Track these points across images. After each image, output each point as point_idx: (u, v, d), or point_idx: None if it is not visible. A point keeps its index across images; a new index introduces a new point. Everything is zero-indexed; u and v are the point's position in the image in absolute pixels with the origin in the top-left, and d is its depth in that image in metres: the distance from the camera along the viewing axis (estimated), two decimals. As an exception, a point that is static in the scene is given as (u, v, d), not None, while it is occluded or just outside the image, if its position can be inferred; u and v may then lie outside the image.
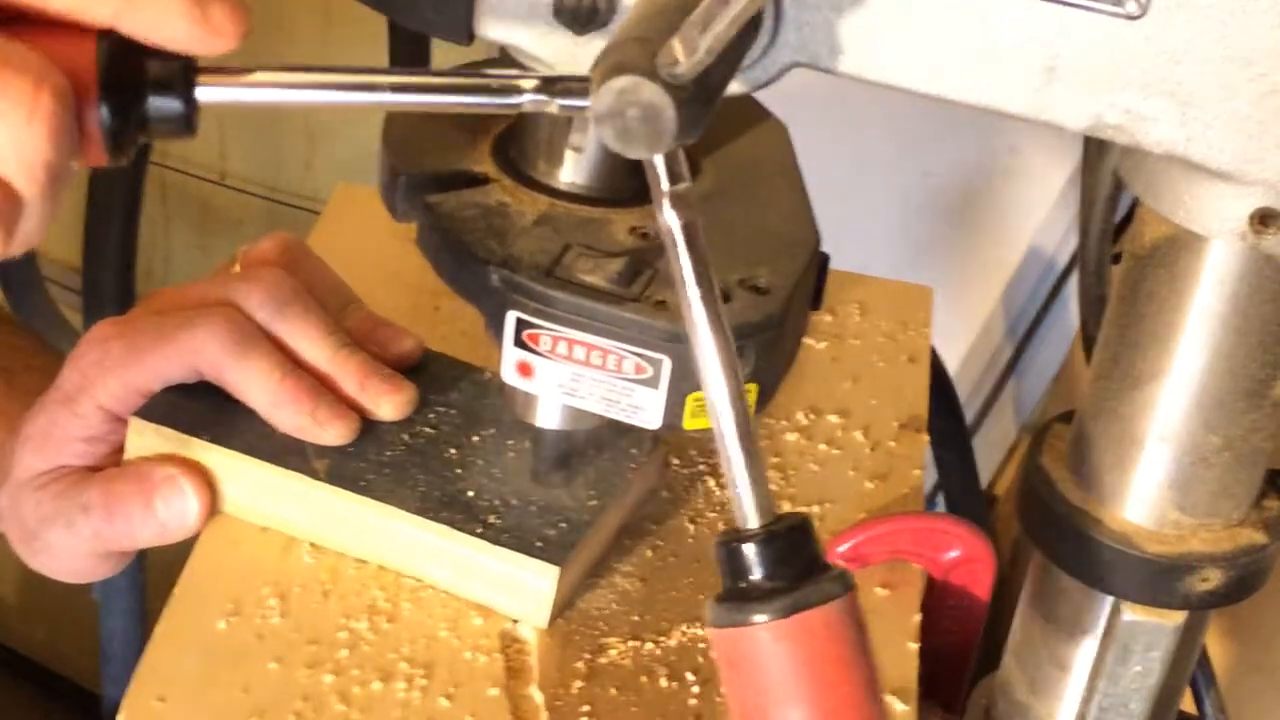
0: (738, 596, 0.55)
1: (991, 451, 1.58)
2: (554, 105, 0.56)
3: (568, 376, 0.66)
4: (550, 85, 0.56)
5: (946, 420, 1.10)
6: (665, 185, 0.55)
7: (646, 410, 0.66)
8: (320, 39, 1.70)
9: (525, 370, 0.66)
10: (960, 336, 1.52)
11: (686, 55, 0.52)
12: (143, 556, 1.25)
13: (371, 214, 0.98)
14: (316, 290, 0.80)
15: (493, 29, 0.62)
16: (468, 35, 0.63)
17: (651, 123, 0.53)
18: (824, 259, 0.70)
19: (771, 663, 0.54)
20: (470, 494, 0.75)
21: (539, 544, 0.73)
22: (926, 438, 0.90)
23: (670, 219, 0.54)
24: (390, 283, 0.90)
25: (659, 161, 0.55)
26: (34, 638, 1.97)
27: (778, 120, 0.76)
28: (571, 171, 0.69)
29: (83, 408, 0.76)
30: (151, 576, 1.21)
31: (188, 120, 0.55)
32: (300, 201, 1.75)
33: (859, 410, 0.90)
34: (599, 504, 0.76)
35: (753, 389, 0.66)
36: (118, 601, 1.33)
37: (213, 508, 0.76)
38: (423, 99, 0.57)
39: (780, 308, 0.65)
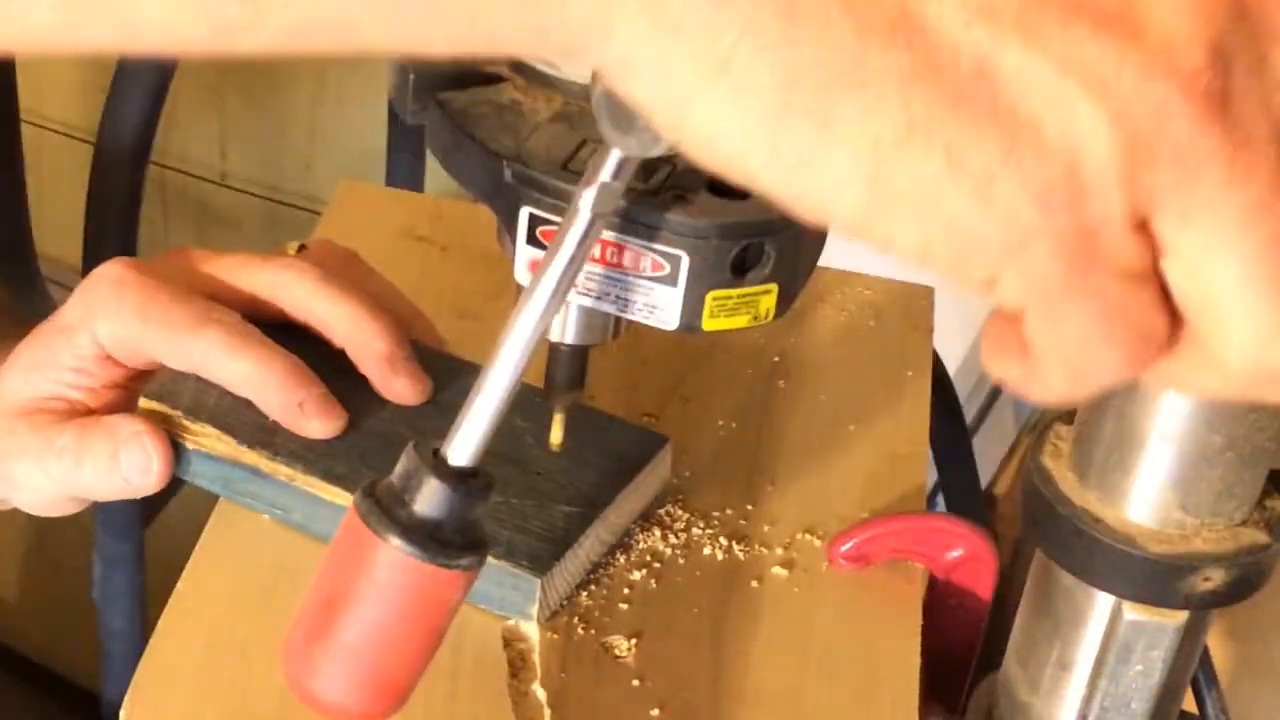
0: (386, 503, 0.59)
1: (991, 451, 1.58)
2: None
3: (582, 275, 0.64)
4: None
5: (946, 420, 1.10)
6: (605, 176, 0.56)
7: (664, 309, 0.64)
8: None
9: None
10: (960, 336, 1.52)
11: None
12: (143, 557, 1.25)
13: (374, 213, 0.99)
14: (374, 297, 0.80)
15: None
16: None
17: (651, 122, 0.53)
18: None
19: (372, 575, 0.59)
20: None
21: (526, 551, 0.73)
22: (927, 438, 0.90)
23: (585, 204, 0.56)
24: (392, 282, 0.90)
25: (614, 156, 0.55)
26: (34, 638, 1.97)
27: None
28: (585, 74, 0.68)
29: (79, 338, 0.76)
30: (151, 576, 1.21)
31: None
32: (300, 202, 1.75)
33: (859, 410, 0.90)
34: (596, 508, 0.76)
35: (772, 290, 0.64)
36: (118, 601, 1.32)
37: (173, 468, 0.76)
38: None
39: None
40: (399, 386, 0.78)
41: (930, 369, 0.94)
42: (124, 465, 0.75)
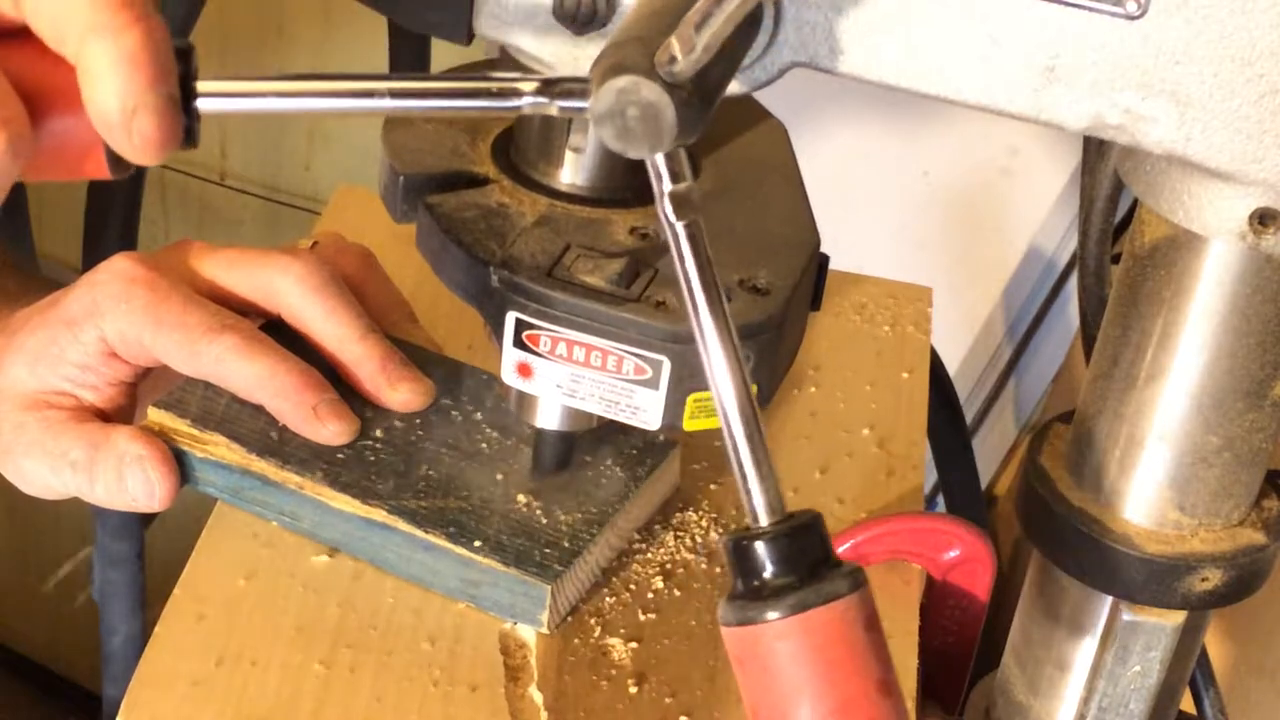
0: (748, 595, 0.55)
1: (991, 451, 1.58)
2: (553, 107, 0.56)
3: (567, 377, 0.66)
4: (549, 87, 0.56)
5: (946, 420, 1.10)
6: (667, 185, 0.54)
7: (646, 411, 0.66)
8: (320, 39, 1.70)
9: (525, 371, 0.66)
10: (960, 336, 1.52)
11: (684, 54, 0.52)
12: (143, 556, 1.25)
13: (371, 214, 0.99)
14: (377, 301, 0.80)
15: (493, 29, 0.62)
16: (468, 35, 0.63)
17: (651, 122, 0.53)
18: (824, 260, 0.70)
19: (779, 661, 0.54)
20: (472, 502, 0.75)
21: (536, 559, 0.73)
22: (926, 438, 0.90)
23: (672, 218, 0.54)
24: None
25: (660, 160, 0.55)
26: (34, 638, 1.97)
27: (777, 120, 0.76)
28: (571, 172, 0.69)
29: (86, 334, 0.76)
30: (151, 576, 1.21)
31: (189, 132, 0.55)
32: (300, 202, 1.75)
33: (859, 410, 0.90)
34: (603, 515, 0.76)
35: (753, 389, 0.65)
36: (118, 601, 1.33)
37: (178, 487, 0.76)
38: (422, 104, 0.57)
39: (780, 308, 0.65)
40: (399, 396, 0.78)
41: (928, 369, 0.94)
42: (129, 488, 0.75)
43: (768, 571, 0.54)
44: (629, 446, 0.79)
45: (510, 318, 0.65)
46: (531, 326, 0.65)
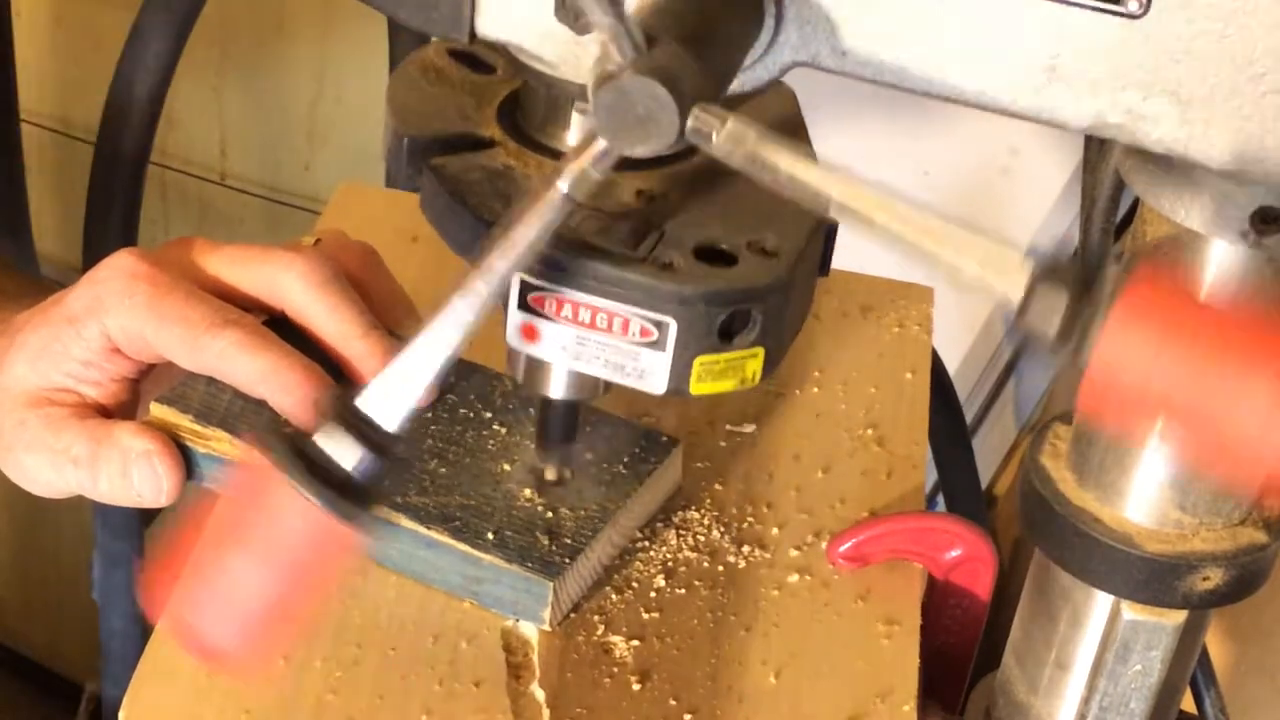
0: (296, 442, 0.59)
1: (991, 451, 1.58)
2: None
3: (573, 340, 0.64)
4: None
5: (946, 420, 1.10)
6: (588, 163, 0.57)
7: (652, 374, 0.64)
8: (320, 39, 1.70)
9: (530, 334, 0.65)
10: (960, 336, 1.52)
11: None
12: (143, 557, 1.25)
13: (372, 214, 0.99)
14: (380, 298, 0.80)
15: (494, 28, 0.62)
16: (469, 35, 0.63)
17: (652, 122, 0.53)
18: (832, 226, 0.68)
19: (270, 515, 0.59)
20: (475, 499, 0.75)
21: (539, 556, 0.73)
22: (927, 438, 0.90)
23: (564, 183, 0.57)
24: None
25: (599, 146, 0.56)
26: (34, 638, 1.97)
27: (787, 86, 0.75)
28: (577, 134, 0.68)
29: (88, 330, 0.76)
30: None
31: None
32: (300, 202, 1.75)
33: (859, 410, 0.90)
34: (605, 513, 0.76)
35: (759, 353, 0.64)
36: (118, 602, 1.33)
37: (185, 480, 0.76)
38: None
39: (788, 270, 0.63)
40: None
41: (930, 369, 0.94)
42: (135, 483, 0.75)
43: (331, 440, 0.59)
44: (632, 445, 0.79)
45: (516, 279, 0.64)
46: (537, 288, 0.64)
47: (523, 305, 0.65)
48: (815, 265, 0.68)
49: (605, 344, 0.65)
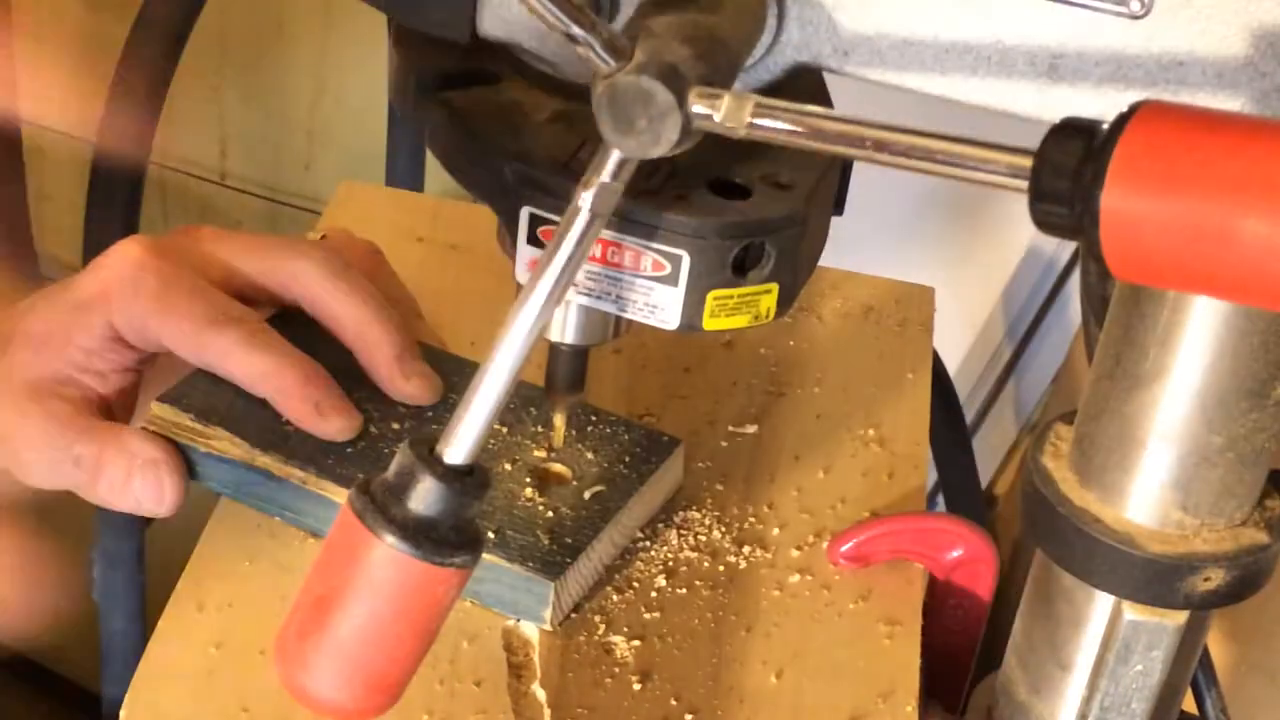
0: (382, 501, 0.58)
1: (991, 451, 1.58)
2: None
3: (583, 275, 0.63)
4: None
5: (946, 420, 1.11)
6: (605, 176, 0.56)
7: (665, 309, 0.63)
8: (320, 39, 1.70)
9: None
10: (960, 336, 1.52)
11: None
12: (143, 557, 1.25)
13: (374, 213, 0.99)
14: (385, 296, 0.80)
15: (494, 28, 0.62)
16: (469, 34, 0.63)
17: (655, 124, 0.53)
18: (847, 162, 0.67)
19: (366, 572, 0.58)
20: None
21: (539, 555, 0.73)
22: (927, 438, 0.90)
23: (585, 203, 0.56)
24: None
25: (614, 156, 0.55)
26: (34, 638, 1.97)
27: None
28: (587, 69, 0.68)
29: (93, 318, 0.75)
30: (151, 577, 1.21)
31: None
32: (300, 202, 1.76)
33: (860, 410, 0.90)
34: (606, 513, 0.76)
35: (773, 289, 0.63)
36: (118, 602, 1.32)
37: (186, 491, 0.76)
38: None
39: (802, 204, 0.62)
40: (410, 388, 0.78)
41: (930, 369, 0.94)
42: (137, 490, 0.75)
43: (416, 500, 0.58)
44: (633, 444, 0.79)
45: (524, 213, 0.63)
46: (546, 221, 0.63)
47: (532, 239, 0.63)
48: (830, 202, 0.67)
49: (616, 279, 0.63)
